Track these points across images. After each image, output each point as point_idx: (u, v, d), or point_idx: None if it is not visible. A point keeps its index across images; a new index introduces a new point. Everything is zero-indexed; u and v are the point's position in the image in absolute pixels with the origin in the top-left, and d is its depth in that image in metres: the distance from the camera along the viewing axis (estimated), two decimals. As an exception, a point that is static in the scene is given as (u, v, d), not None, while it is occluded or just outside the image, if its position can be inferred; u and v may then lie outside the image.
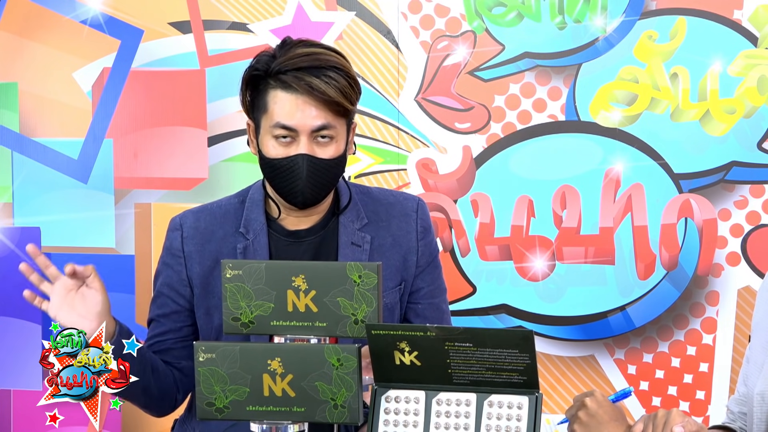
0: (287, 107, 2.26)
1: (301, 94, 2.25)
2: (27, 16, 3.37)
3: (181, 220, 2.40)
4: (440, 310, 2.48)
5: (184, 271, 2.38)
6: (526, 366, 1.86)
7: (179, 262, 2.38)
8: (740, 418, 2.23)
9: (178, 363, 2.40)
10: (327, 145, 2.28)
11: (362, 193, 2.44)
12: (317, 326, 1.96)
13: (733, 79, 3.13)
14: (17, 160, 3.38)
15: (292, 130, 2.26)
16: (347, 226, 2.38)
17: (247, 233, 2.36)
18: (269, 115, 2.28)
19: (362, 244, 2.37)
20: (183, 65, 3.33)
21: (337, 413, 1.91)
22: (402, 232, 2.42)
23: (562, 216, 3.21)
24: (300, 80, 2.25)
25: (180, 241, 2.38)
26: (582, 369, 3.25)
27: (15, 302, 3.32)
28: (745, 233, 3.17)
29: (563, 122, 3.22)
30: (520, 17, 3.21)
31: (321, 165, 2.28)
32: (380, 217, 2.42)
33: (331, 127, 2.28)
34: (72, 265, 2.21)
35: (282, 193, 2.32)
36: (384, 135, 3.27)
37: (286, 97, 2.26)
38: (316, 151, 2.27)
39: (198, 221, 2.39)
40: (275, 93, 2.27)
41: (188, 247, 2.38)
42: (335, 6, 3.28)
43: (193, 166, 3.33)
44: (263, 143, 2.30)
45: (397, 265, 2.40)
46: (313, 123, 2.26)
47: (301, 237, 2.38)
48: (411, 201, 2.46)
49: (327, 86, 2.25)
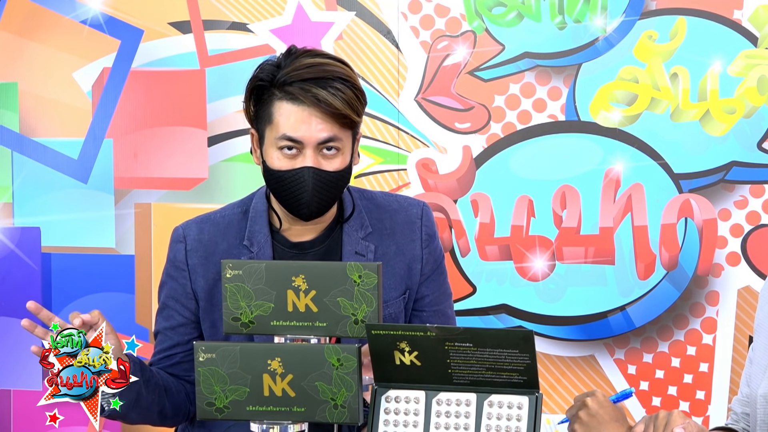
0: (293, 119, 2.22)
1: (308, 106, 2.21)
2: (27, 16, 3.37)
3: (185, 231, 2.36)
4: (446, 315, 2.45)
5: (189, 284, 2.34)
6: (526, 366, 1.86)
7: (184, 275, 2.34)
8: (743, 419, 2.23)
9: (187, 376, 2.36)
10: (333, 158, 2.24)
11: (366, 200, 2.41)
12: (317, 326, 1.96)
13: (733, 79, 3.13)
14: (17, 160, 3.38)
15: (297, 142, 2.22)
16: (351, 235, 2.35)
17: (252, 246, 2.33)
18: (274, 126, 2.24)
19: (366, 254, 2.34)
20: (183, 65, 3.33)
21: (337, 413, 1.91)
22: (406, 240, 2.38)
23: (562, 216, 3.21)
24: (306, 92, 2.20)
25: (184, 254, 2.34)
26: (582, 369, 3.25)
27: (15, 302, 3.32)
28: (745, 233, 3.17)
29: (563, 122, 3.22)
30: (520, 17, 3.21)
31: (327, 178, 2.24)
32: (384, 225, 2.38)
33: (337, 140, 2.24)
34: (78, 316, 2.08)
35: (287, 205, 2.28)
36: (384, 135, 3.27)
37: (292, 109, 2.22)
38: (321, 163, 2.23)
39: (201, 233, 2.35)
40: (280, 104, 2.23)
41: (192, 260, 2.34)
42: (335, 6, 3.28)
43: (193, 166, 3.33)
44: (268, 154, 2.26)
45: (402, 273, 2.37)
46: (319, 135, 2.22)
47: (305, 248, 2.35)
48: (415, 207, 2.42)
49: (334, 98, 2.20)
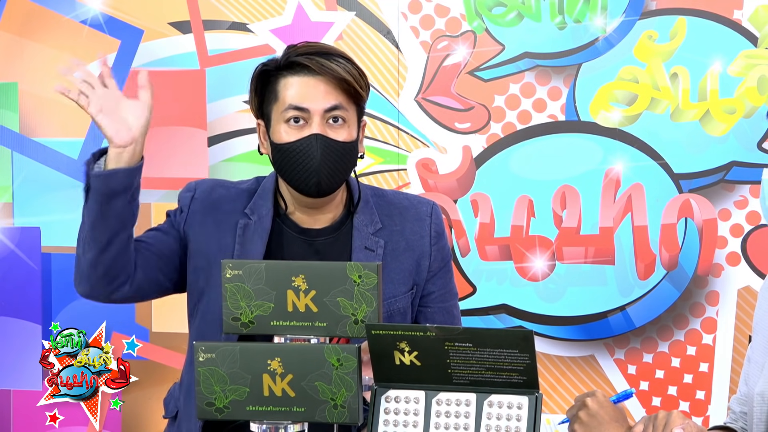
0: (298, 89, 2.27)
1: (313, 75, 2.27)
2: (27, 16, 3.37)
3: (197, 185, 2.43)
4: (451, 314, 2.47)
5: (182, 224, 2.39)
6: (526, 366, 1.86)
7: (181, 216, 2.39)
8: (742, 417, 2.23)
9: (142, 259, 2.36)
10: (339, 129, 2.28)
11: (377, 196, 2.43)
12: (317, 326, 1.96)
13: (733, 79, 3.13)
14: (17, 160, 3.38)
15: (304, 110, 2.26)
16: (361, 230, 2.37)
17: (252, 215, 2.36)
18: (280, 101, 2.28)
19: (376, 249, 2.36)
20: (183, 65, 3.33)
21: (337, 413, 1.91)
22: (416, 237, 2.40)
23: (562, 216, 3.21)
24: (311, 59, 2.27)
25: (189, 200, 2.40)
26: (582, 369, 3.25)
27: (15, 302, 3.32)
28: (745, 233, 3.17)
29: (563, 122, 3.22)
30: (520, 17, 3.21)
31: (335, 147, 2.27)
32: (394, 221, 2.40)
33: (342, 108, 2.28)
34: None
35: (296, 179, 2.29)
36: (384, 135, 3.27)
37: (297, 80, 2.28)
38: (328, 132, 2.27)
39: (212, 191, 2.41)
40: (285, 80, 2.29)
41: (195, 206, 2.39)
42: (335, 6, 3.28)
43: (193, 166, 3.33)
44: (275, 132, 2.30)
45: (410, 269, 2.39)
46: (325, 102, 2.26)
47: (313, 236, 2.37)
48: (425, 205, 2.44)
49: (337, 66, 2.27)
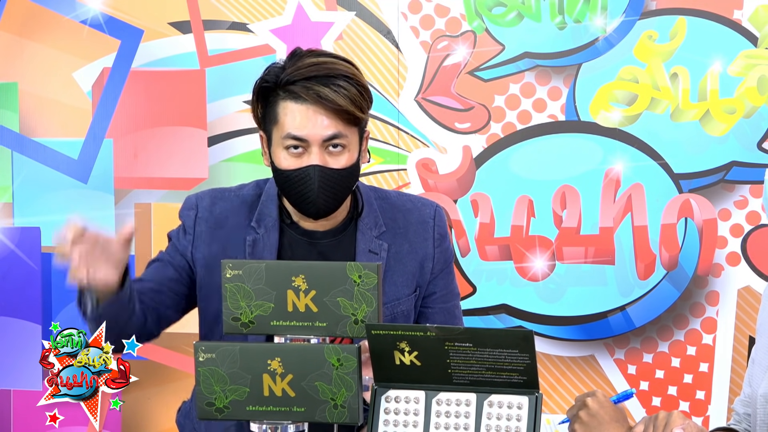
0: (297, 118, 2.24)
1: (311, 104, 2.23)
2: (27, 16, 3.37)
3: (198, 201, 2.39)
4: (452, 314, 2.47)
5: (190, 248, 2.36)
6: (526, 366, 1.86)
7: (187, 239, 2.36)
8: (745, 419, 2.23)
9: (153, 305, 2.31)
10: (339, 155, 2.26)
11: (381, 199, 2.42)
12: (317, 326, 1.96)
13: (733, 79, 3.13)
14: (17, 160, 3.38)
15: (302, 140, 2.24)
16: (365, 233, 2.36)
17: (258, 228, 2.35)
18: (280, 126, 2.25)
19: (379, 252, 2.36)
20: (183, 65, 3.33)
21: (337, 413, 1.91)
22: (419, 239, 2.40)
23: (562, 216, 3.21)
24: (309, 90, 2.22)
25: (193, 220, 2.37)
26: (582, 369, 3.25)
27: (15, 302, 3.32)
28: (745, 233, 3.17)
29: (563, 122, 3.22)
30: (520, 17, 3.21)
31: (333, 175, 2.25)
32: (398, 224, 2.40)
33: (342, 136, 2.25)
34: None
35: (295, 203, 2.29)
36: (384, 135, 3.27)
37: (296, 108, 2.24)
38: (328, 161, 2.25)
39: (213, 205, 2.38)
40: (285, 104, 2.25)
41: (200, 227, 2.36)
42: (335, 6, 3.28)
43: (193, 166, 3.33)
44: (275, 155, 2.28)
45: (413, 271, 2.39)
46: (324, 133, 2.24)
47: (316, 237, 2.36)
48: (429, 207, 2.43)
49: (336, 95, 2.22)
